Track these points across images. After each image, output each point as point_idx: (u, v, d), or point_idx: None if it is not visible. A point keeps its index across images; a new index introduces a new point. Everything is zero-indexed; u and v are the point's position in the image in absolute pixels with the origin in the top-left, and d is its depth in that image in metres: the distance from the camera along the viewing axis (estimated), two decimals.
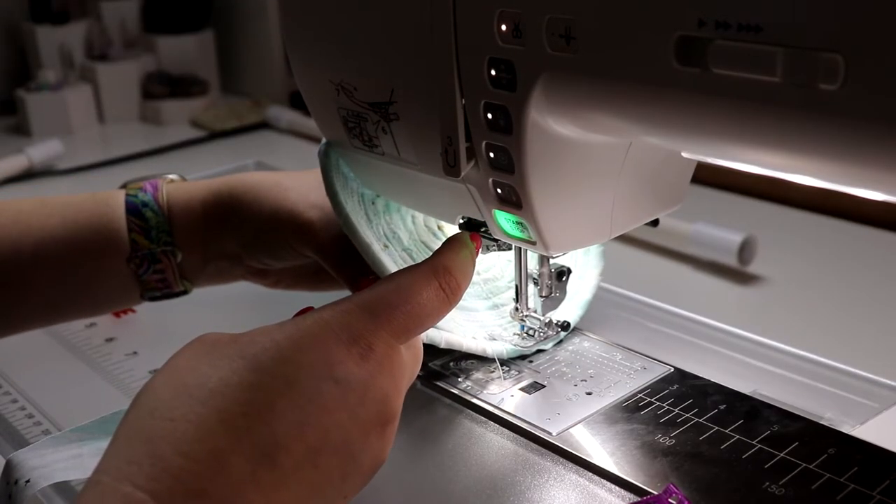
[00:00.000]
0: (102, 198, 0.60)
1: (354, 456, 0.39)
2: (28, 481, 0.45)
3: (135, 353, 0.67)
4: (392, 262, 0.54)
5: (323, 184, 0.55)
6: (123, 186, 0.61)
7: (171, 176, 0.63)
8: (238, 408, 0.36)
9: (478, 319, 0.58)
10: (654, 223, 0.51)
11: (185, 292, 0.62)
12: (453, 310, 0.57)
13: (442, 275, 0.44)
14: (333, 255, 0.56)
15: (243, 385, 0.37)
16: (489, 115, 0.43)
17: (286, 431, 0.37)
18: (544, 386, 0.55)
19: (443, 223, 0.60)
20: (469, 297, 0.59)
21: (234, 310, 0.71)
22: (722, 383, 0.54)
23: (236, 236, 0.59)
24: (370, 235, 0.54)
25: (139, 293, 0.61)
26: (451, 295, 0.44)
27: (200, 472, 0.35)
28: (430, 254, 0.58)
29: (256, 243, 0.59)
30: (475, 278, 0.60)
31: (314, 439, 0.37)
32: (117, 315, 0.72)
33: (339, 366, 0.39)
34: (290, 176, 0.61)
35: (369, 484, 0.41)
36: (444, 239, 0.59)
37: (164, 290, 0.61)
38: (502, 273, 0.61)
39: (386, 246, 0.56)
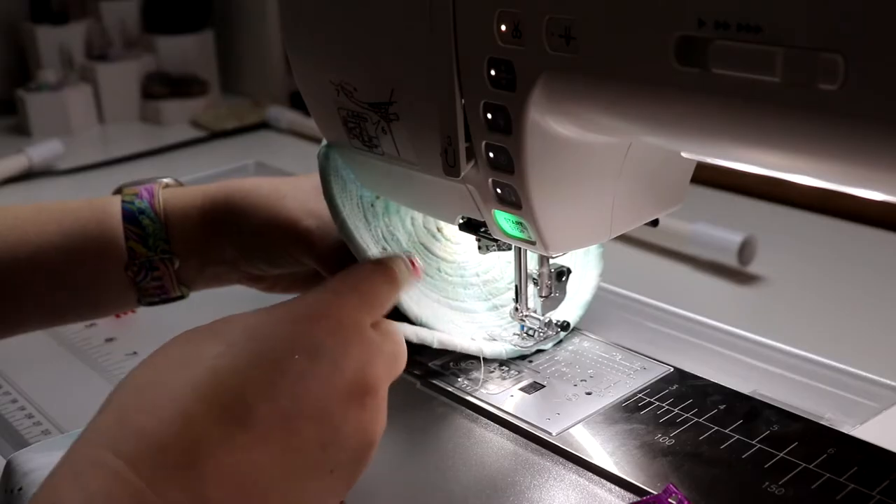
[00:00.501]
0: (99, 205, 0.60)
1: (336, 426, 0.40)
2: (20, 489, 0.45)
3: (135, 353, 0.67)
4: None
5: (321, 189, 0.55)
6: (118, 190, 0.61)
7: (165, 180, 0.62)
8: (208, 377, 0.38)
9: (477, 321, 0.58)
10: (654, 223, 0.51)
11: (182, 297, 0.62)
12: (453, 312, 0.57)
13: (388, 261, 0.49)
14: (332, 263, 0.56)
15: (214, 356, 0.39)
16: (489, 116, 0.43)
17: (256, 396, 0.38)
18: (544, 386, 0.55)
19: (442, 224, 0.60)
20: (469, 299, 0.59)
21: (233, 310, 0.70)
22: (722, 383, 0.54)
23: (234, 243, 0.59)
24: (367, 239, 0.54)
25: (137, 298, 0.61)
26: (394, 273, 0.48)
27: (170, 433, 0.36)
28: (430, 256, 0.59)
29: (254, 250, 0.59)
30: (475, 280, 0.60)
31: (286, 404, 0.39)
32: (117, 315, 0.72)
33: (309, 338, 0.41)
34: (287, 182, 0.60)
35: (369, 484, 0.41)
36: (443, 241, 0.59)
37: (161, 296, 0.61)
38: (502, 274, 0.61)
39: (385, 249, 0.56)
